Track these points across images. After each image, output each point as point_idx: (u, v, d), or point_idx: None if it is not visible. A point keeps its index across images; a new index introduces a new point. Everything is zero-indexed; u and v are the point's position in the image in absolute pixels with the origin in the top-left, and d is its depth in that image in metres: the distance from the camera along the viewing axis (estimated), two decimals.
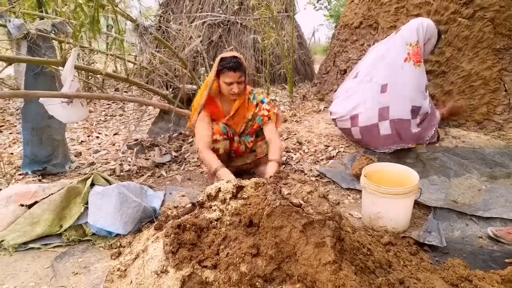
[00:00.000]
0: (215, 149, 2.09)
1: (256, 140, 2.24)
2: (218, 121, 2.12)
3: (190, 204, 1.74)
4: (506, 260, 1.44)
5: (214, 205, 1.39)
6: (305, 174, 2.37)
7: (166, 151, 2.69)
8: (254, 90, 2.20)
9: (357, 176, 2.14)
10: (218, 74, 1.99)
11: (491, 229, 1.63)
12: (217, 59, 2.00)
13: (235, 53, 2.02)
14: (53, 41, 2.37)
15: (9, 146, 2.99)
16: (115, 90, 5.08)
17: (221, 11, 5.29)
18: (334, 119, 2.69)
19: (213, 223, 1.32)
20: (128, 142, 2.84)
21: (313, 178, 2.30)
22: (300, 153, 2.68)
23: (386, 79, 2.38)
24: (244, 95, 2.12)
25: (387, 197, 1.61)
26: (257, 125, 2.15)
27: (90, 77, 4.21)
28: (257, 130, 2.19)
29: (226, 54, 2.00)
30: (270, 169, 1.91)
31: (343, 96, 2.66)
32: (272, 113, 2.13)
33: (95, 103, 4.52)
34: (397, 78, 2.36)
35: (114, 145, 3.05)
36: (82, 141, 3.17)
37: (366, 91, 2.47)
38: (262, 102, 2.14)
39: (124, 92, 4.92)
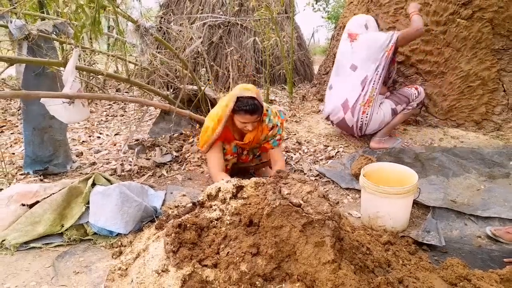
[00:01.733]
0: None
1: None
2: (229, 142, 2.10)
3: (191, 204, 1.75)
4: (505, 260, 1.45)
5: (214, 205, 1.40)
6: (305, 174, 2.38)
7: (167, 151, 2.70)
8: (269, 111, 2.08)
9: (357, 176, 2.15)
10: (233, 110, 1.91)
11: (489, 229, 1.64)
12: (233, 96, 1.90)
13: (251, 91, 1.92)
14: (55, 42, 2.39)
15: (11, 146, 3.00)
16: (116, 91, 5.09)
17: (221, 13, 5.30)
18: (328, 117, 2.77)
19: (213, 223, 1.33)
20: (129, 142, 2.85)
21: (313, 178, 2.31)
22: (300, 153, 2.69)
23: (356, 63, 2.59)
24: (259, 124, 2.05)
25: (386, 197, 1.62)
26: (271, 146, 2.14)
27: (91, 78, 4.22)
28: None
29: (243, 92, 1.90)
30: None
31: (328, 94, 2.79)
32: (283, 136, 2.21)
33: (96, 104, 4.53)
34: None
35: (115, 145, 3.06)
36: (83, 141, 3.18)
37: (345, 80, 2.63)
38: (276, 125, 2.10)
39: (125, 92, 4.93)
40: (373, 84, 2.47)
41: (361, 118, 2.55)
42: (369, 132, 2.64)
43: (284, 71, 4.79)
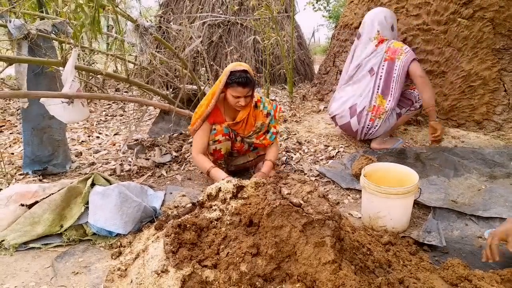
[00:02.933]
0: (217, 150, 2.13)
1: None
2: (220, 124, 2.12)
3: (191, 204, 1.75)
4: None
5: (214, 205, 1.40)
6: (305, 174, 2.37)
7: (166, 151, 2.69)
8: (262, 98, 2.17)
9: (357, 176, 2.15)
10: (226, 85, 1.97)
11: (489, 232, 1.64)
12: (227, 71, 1.95)
13: (244, 66, 1.97)
14: (54, 41, 2.38)
15: (10, 146, 3.00)
16: (116, 90, 5.08)
17: (221, 12, 5.29)
18: (333, 117, 2.72)
19: (213, 223, 1.33)
20: (129, 142, 2.84)
21: (313, 178, 2.31)
22: (300, 153, 2.69)
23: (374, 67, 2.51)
24: (251, 105, 2.10)
25: (386, 197, 1.61)
26: (269, 141, 2.18)
27: (90, 77, 4.22)
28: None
29: (236, 67, 1.96)
30: (264, 168, 2.11)
31: (338, 95, 2.72)
32: (278, 129, 2.26)
33: (95, 103, 4.52)
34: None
35: (114, 145, 3.05)
36: (82, 141, 3.18)
37: (360, 83, 2.56)
38: (269, 114, 2.15)
39: (125, 92, 4.93)
40: (377, 88, 2.45)
41: (368, 125, 2.51)
42: (373, 137, 2.64)
43: (284, 70, 4.78)
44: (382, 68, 2.44)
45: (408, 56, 2.38)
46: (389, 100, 2.43)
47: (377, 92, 2.46)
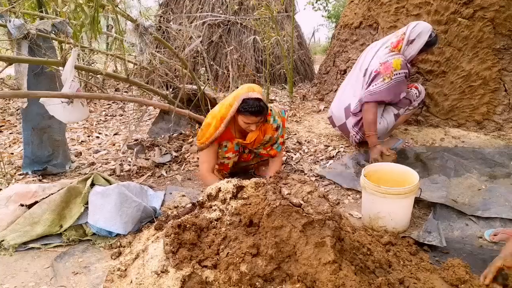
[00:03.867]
0: (224, 163, 2.15)
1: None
2: (231, 141, 2.08)
3: (190, 204, 1.75)
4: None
5: (214, 205, 1.40)
6: (305, 174, 2.37)
7: (166, 151, 2.69)
8: (272, 111, 2.08)
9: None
10: (237, 111, 1.90)
11: (488, 236, 1.63)
12: (239, 97, 1.89)
13: (257, 92, 1.91)
14: (53, 41, 2.38)
15: (10, 146, 3.00)
16: (115, 90, 5.08)
17: (221, 11, 5.29)
18: (330, 118, 2.71)
19: (213, 223, 1.32)
20: (128, 142, 2.84)
21: (313, 178, 2.30)
22: (300, 153, 2.68)
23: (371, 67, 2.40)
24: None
25: (387, 197, 1.61)
26: (276, 152, 2.17)
27: (90, 77, 4.21)
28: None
29: (249, 93, 1.89)
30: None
31: (337, 93, 2.72)
32: (284, 137, 2.26)
33: (95, 103, 4.52)
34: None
35: (114, 145, 3.05)
36: (82, 141, 3.17)
37: (354, 83, 2.52)
38: (279, 127, 2.11)
39: (124, 92, 4.92)
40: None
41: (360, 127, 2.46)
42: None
43: (284, 70, 4.78)
44: (370, 77, 2.35)
45: (392, 83, 2.25)
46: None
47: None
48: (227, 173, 2.23)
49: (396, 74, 2.25)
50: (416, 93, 2.53)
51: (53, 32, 2.23)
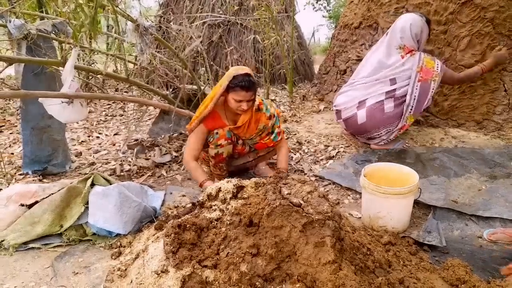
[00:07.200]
0: (219, 153, 2.11)
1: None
2: (222, 128, 2.09)
3: (191, 204, 1.75)
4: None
5: (214, 205, 1.40)
6: (305, 174, 2.37)
7: (166, 151, 2.69)
8: (264, 100, 2.14)
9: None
10: (227, 89, 1.93)
11: (486, 235, 1.63)
12: (229, 75, 1.91)
13: (247, 70, 1.94)
14: (54, 41, 2.38)
15: (10, 146, 3.00)
16: (115, 90, 5.08)
17: (221, 12, 5.29)
18: (338, 111, 2.64)
19: (213, 223, 1.32)
20: (129, 142, 2.84)
21: (313, 178, 2.31)
22: (300, 153, 2.69)
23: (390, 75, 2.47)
24: (253, 108, 2.06)
25: (387, 197, 1.61)
26: (273, 142, 2.18)
27: (90, 77, 4.21)
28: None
29: (238, 70, 1.92)
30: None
31: (348, 88, 2.66)
32: (282, 128, 2.24)
33: (95, 103, 4.52)
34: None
35: (114, 145, 3.05)
36: (82, 141, 3.17)
37: (375, 87, 2.50)
38: (273, 116, 2.13)
39: (125, 92, 4.92)
40: (411, 109, 2.42)
41: (378, 127, 2.48)
42: (373, 142, 2.62)
43: (284, 70, 4.78)
44: (416, 89, 2.39)
45: (441, 75, 2.41)
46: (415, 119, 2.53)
47: (410, 112, 2.43)
48: (223, 164, 2.21)
49: (437, 66, 2.41)
50: None
51: (53, 32, 2.23)
